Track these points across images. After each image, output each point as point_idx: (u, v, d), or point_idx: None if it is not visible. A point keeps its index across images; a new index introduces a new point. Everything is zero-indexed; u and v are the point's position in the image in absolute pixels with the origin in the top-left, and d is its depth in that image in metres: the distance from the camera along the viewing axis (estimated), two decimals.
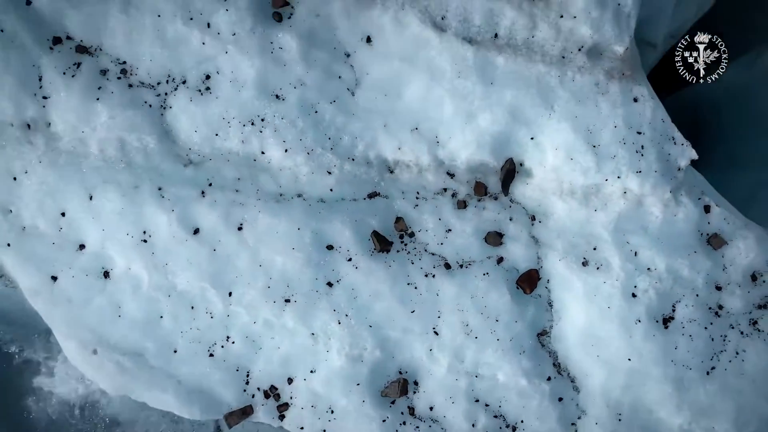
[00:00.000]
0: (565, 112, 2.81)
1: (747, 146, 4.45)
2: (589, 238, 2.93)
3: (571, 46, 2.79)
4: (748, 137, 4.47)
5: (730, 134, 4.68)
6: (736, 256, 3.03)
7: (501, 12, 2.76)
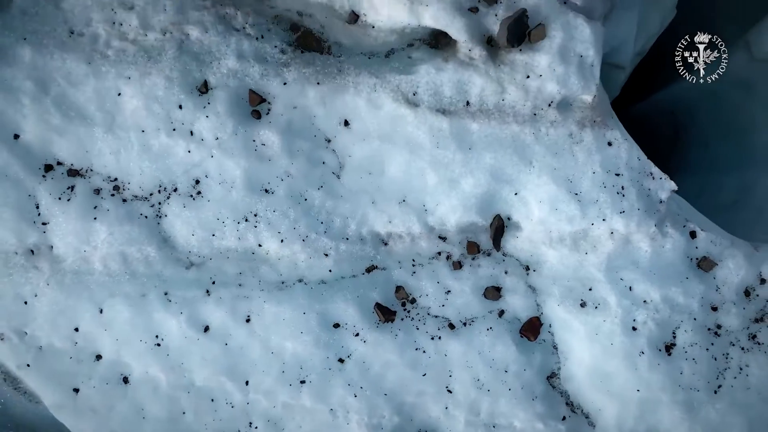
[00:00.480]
0: (543, 166, 2.91)
1: (726, 149, 4.55)
2: (583, 281, 3.03)
3: (541, 104, 2.89)
4: (726, 140, 4.57)
5: (709, 137, 4.79)
6: (727, 276, 3.13)
7: (469, 81, 2.85)
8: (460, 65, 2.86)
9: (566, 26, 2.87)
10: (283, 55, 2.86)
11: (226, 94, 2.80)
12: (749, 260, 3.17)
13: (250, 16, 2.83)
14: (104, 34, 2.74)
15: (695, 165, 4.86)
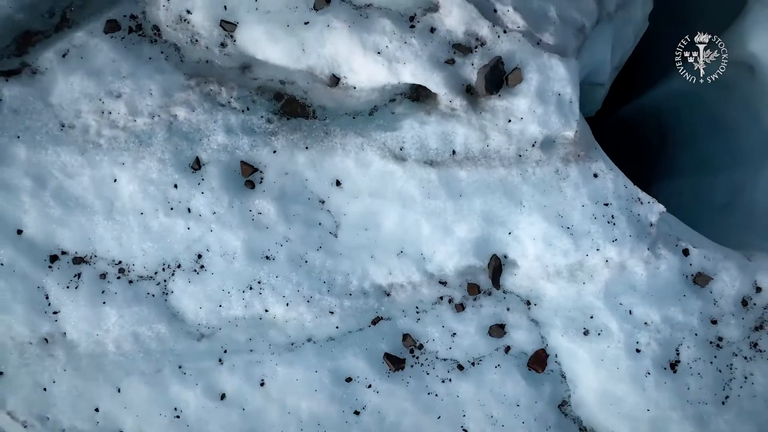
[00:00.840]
0: (533, 205, 2.99)
1: (713, 149, 4.62)
2: (584, 310, 3.10)
3: (525, 145, 2.97)
4: (712, 140, 4.64)
5: (695, 137, 4.86)
6: (723, 288, 3.20)
7: (453, 131, 2.93)
8: (443, 117, 2.94)
9: (542, 67, 2.94)
10: (270, 124, 2.93)
11: (219, 169, 2.87)
12: (743, 271, 3.24)
13: (234, 90, 2.90)
14: (94, 124, 2.82)
15: (684, 166, 4.93)
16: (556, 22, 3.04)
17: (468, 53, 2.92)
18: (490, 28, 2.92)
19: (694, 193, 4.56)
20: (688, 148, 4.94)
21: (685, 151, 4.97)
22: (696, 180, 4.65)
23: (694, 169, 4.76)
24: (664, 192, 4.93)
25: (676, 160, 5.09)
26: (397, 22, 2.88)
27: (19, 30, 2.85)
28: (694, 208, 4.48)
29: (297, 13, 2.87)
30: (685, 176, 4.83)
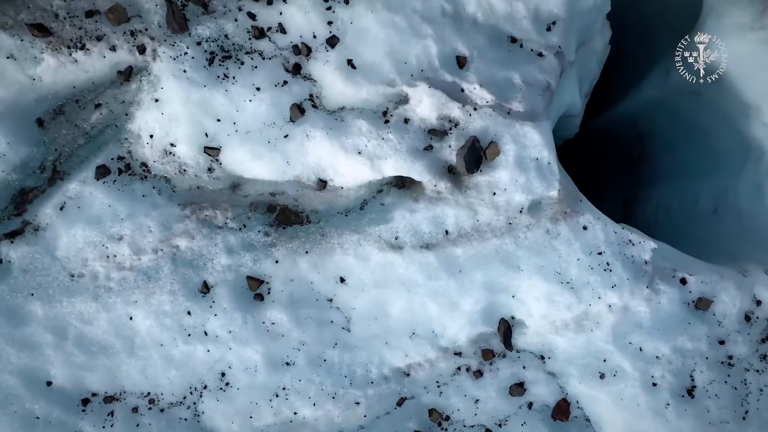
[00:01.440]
0: (531, 268, 3.10)
1: (691, 153, 4.74)
2: (596, 355, 3.22)
3: (513, 213, 3.08)
4: (690, 144, 4.76)
5: (673, 142, 4.98)
6: (725, 309, 3.32)
7: (443, 214, 3.04)
8: (431, 201, 3.05)
9: (516, 137, 3.06)
10: (268, 236, 3.05)
11: (227, 289, 2.99)
12: (741, 288, 3.36)
13: (229, 211, 3.02)
14: (102, 269, 2.93)
15: (667, 171, 5.05)
16: (522, 89, 3.15)
17: (444, 136, 3.04)
18: (460, 108, 3.04)
19: (681, 200, 4.68)
20: (668, 154, 5.06)
21: (666, 157, 5.09)
22: (680, 186, 4.77)
23: (677, 174, 4.88)
24: (651, 200, 5.06)
25: (658, 165, 5.22)
26: (372, 120, 3.00)
27: (14, 190, 2.96)
28: (682, 216, 4.60)
29: (275, 128, 2.98)
30: (669, 182, 4.95)
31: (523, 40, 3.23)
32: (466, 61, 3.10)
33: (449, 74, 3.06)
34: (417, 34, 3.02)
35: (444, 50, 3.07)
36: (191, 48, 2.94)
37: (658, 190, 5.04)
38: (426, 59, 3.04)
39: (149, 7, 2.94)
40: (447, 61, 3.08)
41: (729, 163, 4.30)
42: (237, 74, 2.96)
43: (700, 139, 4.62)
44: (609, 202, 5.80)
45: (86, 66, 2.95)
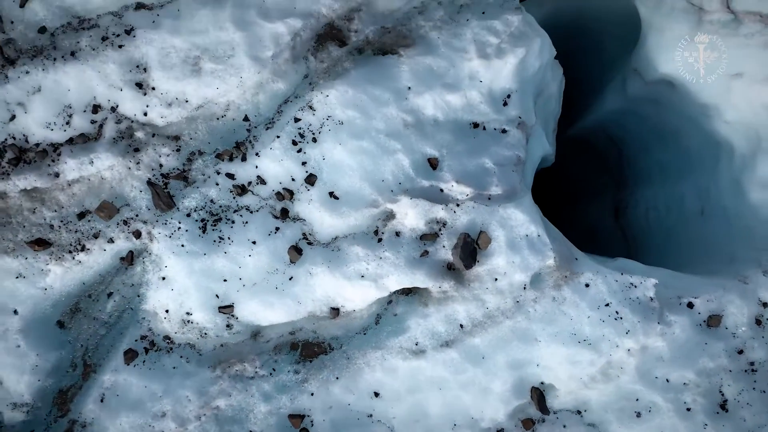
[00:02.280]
0: (547, 337, 3.26)
1: (666, 155, 4.90)
2: (628, 397, 3.38)
3: (518, 292, 3.24)
4: (662, 146, 4.92)
5: (647, 148, 5.14)
6: (735, 320, 3.49)
7: (453, 311, 3.21)
8: (440, 302, 3.21)
9: (502, 221, 3.22)
10: (298, 374, 3.20)
11: None
12: (745, 296, 3.53)
13: (256, 361, 3.17)
14: None
15: (648, 173, 5.21)
16: (496, 172, 3.31)
17: (435, 238, 3.20)
18: (444, 209, 3.20)
19: (667, 203, 4.84)
20: (644, 156, 5.22)
21: (643, 159, 5.25)
22: (664, 189, 4.93)
23: (658, 176, 5.04)
24: (640, 204, 5.22)
25: (638, 168, 5.38)
26: (366, 243, 3.15)
27: (53, 393, 3.11)
28: (671, 219, 4.76)
29: (279, 273, 3.14)
30: (653, 185, 5.11)
31: (485, 122, 3.39)
32: (438, 161, 3.26)
33: (426, 179, 3.22)
34: (386, 152, 3.18)
35: (415, 158, 3.23)
36: (183, 221, 3.10)
37: (644, 194, 5.20)
38: (401, 172, 3.20)
39: (134, 195, 3.10)
40: (420, 167, 3.24)
41: (704, 162, 4.46)
42: (231, 234, 3.12)
43: (671, 140, 4.78)
44: (599, 206, 5.96)
45: (90, 263, 3.10)
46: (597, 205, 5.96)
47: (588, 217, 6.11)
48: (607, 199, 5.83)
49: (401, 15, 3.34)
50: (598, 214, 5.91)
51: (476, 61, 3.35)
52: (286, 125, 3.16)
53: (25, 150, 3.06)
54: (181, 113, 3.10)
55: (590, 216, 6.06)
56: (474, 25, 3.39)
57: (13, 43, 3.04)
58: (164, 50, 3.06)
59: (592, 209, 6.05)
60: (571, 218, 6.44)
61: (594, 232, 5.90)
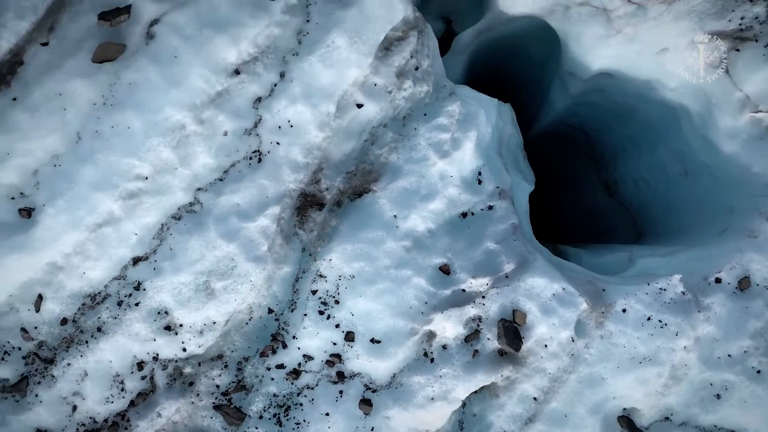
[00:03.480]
0: (611, 372, 3.49)
1: (631, 130, 5.12)
2: (702, 386, 3.60)
3: (569, 347, 3.47)
4: (623, 125, 5.14)
5: (608, 127, 5.36)
6: (762, 274, 3.71)
7: (523, 391, 3.44)
8: (507, 389, 3.43)
9: (527, 293, 3.44)
10: None
11: None
12: (760, 249, 3.75)
13: None
14: None
15: (621, 149, 5.43)
16: (501, 250, 3.53)
17: (478, 335, 3.41)
18: (474, 305, 3.42)
19: (652, 172, 5.06)
20: (610, 135, 5.45)
21: (611, 137, 5.48)
22: (643, 159, 5.15)
23: (633, 149, 5.27)
24: (627, 179, 5.44)
25: (609, 147, 5.61)
26: (421, 368, 3.38)
27: None
28: (662, 185, 4.98)
29: (361, 430, 3.35)
30: (631, 158, 5.33)
31: (471, 209, 3.60)
32: (449, 266, 3.48)
33: (446, 288, 3.44)
34: (402, 282, 3.40)
35: (428, 274, 3.45)
36: (258, 425, 3.31)
37: (626, 168, 5.41)
38: (422, 292, 3.41)
39: (208, 423, 3.32)
40: (437, 280, 3.45)
41: (668, 129, 4.68)
42: (304, 416, 3.34)
43: (629, 116, 5.00)
44: (589, 187, 6.17)
45: None
46: (587, 186, 6.18)
47: (582, 199, 6.33)
48: (594, 179, 6.05)
49: (358, 154, 3.55)
50: (590, 195, 6.13)
51: (440, 163, 3.57)
52: (307, 301, 3.38)
53: (97, 430, 3.27)
54: (213, 335, 3.31)
55: (584, 197, 6.27)
56: (423, 131, 3.60)
57: (45, 345, 3.24)
58: (175, 290, 3.27)
59: (583, 191, 6.27)
60: (567, 203, 6.67)
61: (593, 211, 6.11)
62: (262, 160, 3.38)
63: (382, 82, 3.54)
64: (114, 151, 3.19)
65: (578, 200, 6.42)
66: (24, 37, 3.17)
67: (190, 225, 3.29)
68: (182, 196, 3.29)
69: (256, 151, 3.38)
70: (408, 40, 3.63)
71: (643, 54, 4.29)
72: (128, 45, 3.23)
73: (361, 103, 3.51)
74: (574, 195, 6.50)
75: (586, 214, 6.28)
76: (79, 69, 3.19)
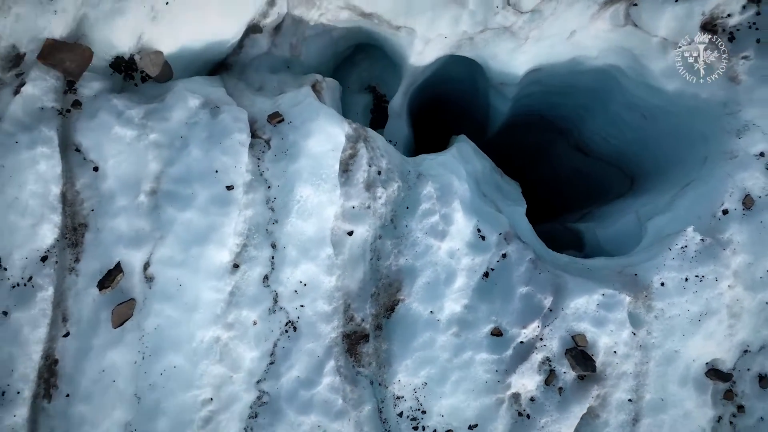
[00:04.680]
0: (679, 342, 3.72)
1: (577, 98, 5.34)
2: (759, 308, 3.83)
3: (633, 341, 3.70)
4: (570, 96, 5.35)
5: (555, 102, 5.55)
6: (757, 185, 3.93)
7: (617, 399, 3.66)
8: (603, 405, 3.67)
9: (575, 315, 3.67)
10: None
11: None
12: (746, 166, 3.99)
13: None
14: None
15: (577, 116, 5.65)
16: (533, 289, 3.74)
17: (554, 374, 3.63)
18: (537, 351, 3.64)
19: (614, 125, 5.27)
20: (560, 110, 5.68)
21: (561, 112, 5.71)
22: (598, 118, 5.38)
23: (585, 113, 5.51)
24: (594, 137, 5.65)
25: (564, 118, 5.83)
26: (522, 429, 3.59)
27: None
28: (629, 133, 5.20)
29: None
30: (588, 121, 5.56)
31: (488, 266, 3.82)
32: (498, 328, 3.69)
33: (506, 348, 3.65)
34: (468, 365, 3.61)
35: (487, 344, 3.66)
36: None
37: (590, 129, 5.63)
38: (490, 363, 3.62)
39: None
40: (495, 345, 3.66)
41: (610, 89, 4.91)
42: None
43: (569, 91, 5.23)
44: (565, 154, 6.37)
45: None
46: (563, 155, 6.39)
47: (563, 165, 6.53)
48: (565, 146, 6.26)
49: (371, 274, 3.76)
50: (569, 160, 6.34)
51: (443, 244, 3.78)
52: (398, 426, 3.58)
53: None
54: None
55: (564, 164, 6.48)
56: (413, 224, 3.81)
57: None
58: None
59: (562, 159, 6.48)
60: (551, 174, 6.88)
61: (579, 174, 6.30)
62: (297, 328, 3.58)
63: (357, 203, 3.75)
64: (174, 393, 3.39)
65: (560, 168, 6.63)
66: (46, 339, 3.37)
67: (268, 417, 3.49)
68: (248, 396, 3.49)
69: (288, 323, 3.58)
70: (359, 153, 3.84)
71: (556, 44, 4.52)
72: (136, 297, 3.43)
73: (350, 230, 3.71)
74: (554, 165, 6.71)
75: (573, 179, 6.49)
76: (107, 340, 3.38)
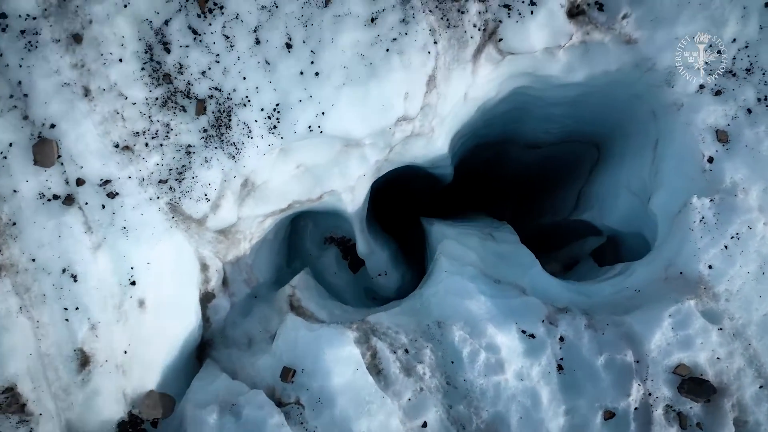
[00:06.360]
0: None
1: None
2: None
3: (723, 338, 3.58)
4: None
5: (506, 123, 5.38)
6: (726, 112, 3.82)
7: (753, 394, 3.53)
8: (740, 410, 3.54)
9: (659, 348, 3.56)
10: None
11: None
12: (697, 109, 3.88)
13: None
14: None
15: (515, 121, 5.52)
16: (609, 354, 3.60)
17: (684, 417, 3.50)
18: (655, 407, 3.51)
19: (550, 121, 5.18)
20: (492, 130, 5.52)
21: (495, 132, 5.57)
22: (532, 123, 5.28)
23: (517, 124, 5.40)
24: (539, 135, 5.54)
25: (499, 135, 5.71)
26: None
27: None
28: (568, 120, 5.10)
29: None
30: (523, 126, 5.43)
31: (555, 359, 3.68)
32: (608, 411, 3.55)
33: (628, 425, 3.50)
34: None
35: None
36: None
37: (528, 133, 5.53)
38: None
39: None
40: (615, 427, 3.52)
41: (525, 101, 4.78)
42: None
43: (494, 120, 5.12)
44: (520, 157, 6.25)
45: None
46: (520, 155, 6.24)
47: (525, 161, 6.39)
48: (517, 150, 6.13)
49: None
50: (528, 155, 6.22)
51: (506, 374, 3.63)
52: None
53: None
54: None
55: (525, 160, 6.34)
56: (469, 375, 3.66)
57: None
58: None
59: (522, 157, 6.33)
60: (522, 172, 6.76)
61: (546, 159, 6.17)
62: None
63: (410, 394, 3.63)
64: None
65: (525, 166, 6.50)
66: None
67: None
68: None
69: None
70: (377, 348, 3.74)
71: (459, 111, 4.45)
72: None
73: (423, 423, 3.58)
74: (518, 166, 6.56)
75: (542, 169, 6.39)
76: None
